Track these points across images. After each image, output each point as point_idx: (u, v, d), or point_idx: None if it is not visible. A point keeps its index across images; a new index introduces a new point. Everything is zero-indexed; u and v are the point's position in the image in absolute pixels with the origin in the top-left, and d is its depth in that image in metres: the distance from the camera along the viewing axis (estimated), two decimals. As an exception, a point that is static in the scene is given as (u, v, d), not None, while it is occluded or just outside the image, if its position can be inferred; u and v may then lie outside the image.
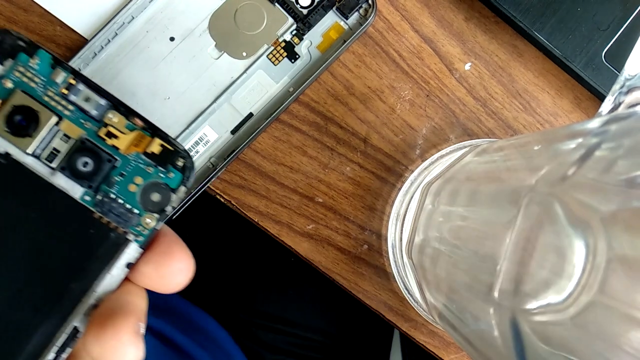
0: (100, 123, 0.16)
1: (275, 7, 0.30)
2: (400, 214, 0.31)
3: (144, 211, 0.17)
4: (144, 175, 0.17)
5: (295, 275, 0.49)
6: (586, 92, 0.32)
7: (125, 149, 0.17)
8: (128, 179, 0.17)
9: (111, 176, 0.16)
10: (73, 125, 0.16)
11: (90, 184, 0.16)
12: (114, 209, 0.16)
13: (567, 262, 0.15)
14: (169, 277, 0.17)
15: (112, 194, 0.16)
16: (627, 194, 0.14)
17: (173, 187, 0.17)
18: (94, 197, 0.16)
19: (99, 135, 0.16)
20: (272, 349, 0.47)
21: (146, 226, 0.17)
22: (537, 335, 0.16)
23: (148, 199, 0.17)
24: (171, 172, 0.17)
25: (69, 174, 0.16)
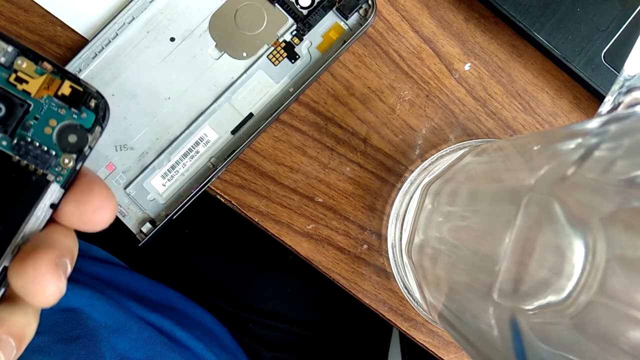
0: (10, 70, 0.17)
1: (275, 8, 0.30)
2: (400, 214, 0.31)
3: (61, 152, 0.17)
4: (58, 117, 0.17)
5: (293, 272, 0.49)
6: (585, 92, 0.32)
7: (36, 92, 0.17)
8: (42, 122, 0.17)
9: (25, 120, 0.17)
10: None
11: (5, 129, 0.17)
12: (32, 151, 0.17)
13: (566, 261, 0.15)
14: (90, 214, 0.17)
15: (28, 137, 0.17)
16: (626, 194, 0.14)
17: (87, 127, 0.17)
18: (10, 142, 0.17)
19: (9, 81, 0.17)
20: (270, 345, 0.47)
21: (65, 166, 0.17)
22: (537, 335, 0.16)
23: (65, 140, 0.17)
24: (84, 112, 0.17)
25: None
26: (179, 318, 0.40)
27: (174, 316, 0.39)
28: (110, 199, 0.17)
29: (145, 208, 0.30)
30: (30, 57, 0.17)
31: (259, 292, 0.48)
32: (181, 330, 0.38)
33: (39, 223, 0.17)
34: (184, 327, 0.38)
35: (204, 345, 0.38)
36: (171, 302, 0.43)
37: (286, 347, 0.47)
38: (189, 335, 0.38)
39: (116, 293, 0.37)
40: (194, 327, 0.41)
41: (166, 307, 0.41)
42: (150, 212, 0.30)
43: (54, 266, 0.16)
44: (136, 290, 0.41)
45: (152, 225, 0.29)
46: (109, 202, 0.17)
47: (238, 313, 0.47)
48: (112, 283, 0.39)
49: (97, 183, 0.17)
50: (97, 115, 0.17)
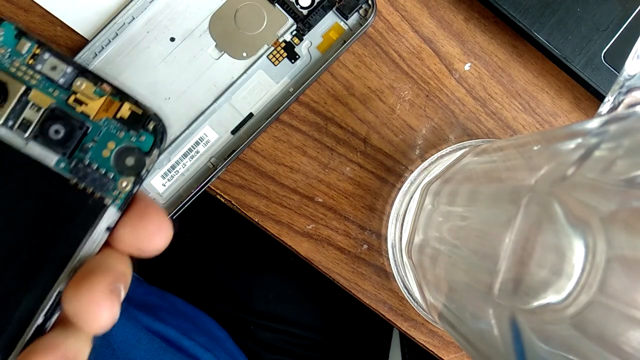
0: (69, 91, 0.16)
1: (275, 8, 0.30)
2: (400, 214, 0.31)
3: (119, 175, 0.17)
4: (116, 139, 0.17)
5: (294, 274, 0.49)
6: (585, 92, 0.32)
7: (95, 115, 0.17)
8: (101, 145, 0.17)
9: (84, 143, 0.17)
10: (42, 94, 0.16)
11: (64, 151, 0.16)
12: (90, 174, 0.17)
13: (566, 261, 0.15)
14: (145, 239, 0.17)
15: (86, 160, 0.17)
16: (626, 194, 0.14)
17: (145, 150, 0.17)
18: (68, 165, 0.16)
19: (68, 103, 0.16)
20: (271, 348, 0.47)
21: (122, 189, 0.17)
22: (537, 335, 0.16)
23: (122, 163, 0.17)
24: (142, 135, 0.17)
25: (42, 142, 0.16)
26: (183, 326, 0.40)
27: (179, 324, 0.39)
28: (166, 224, 0.17)
29: (145, 208, 0.30)
30: (89, 78, 0.17)
31: (260, 294, 0.48)
32: (187, 339, 0.38)
33: (95, 247, 0.17)
34: (189, 335, 0.38)
35: (211, 355, 0.38)
36: (173, 307, 0.43)
37: (287, 350, 0.47)
38: (195, 344, 0.38)
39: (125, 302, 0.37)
40: (199, 333, 0.41)
41: (169, 313, 0.41)
42: (150, 212, 0.30)
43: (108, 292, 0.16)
44: (138, 296, 0.41)
45: (152, 225, 0.29)
46: (164, 227, 0.17)
47: (239, 315, 0.47)
48: None
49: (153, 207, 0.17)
50: (156, 138, 0.17)
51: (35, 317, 0.16)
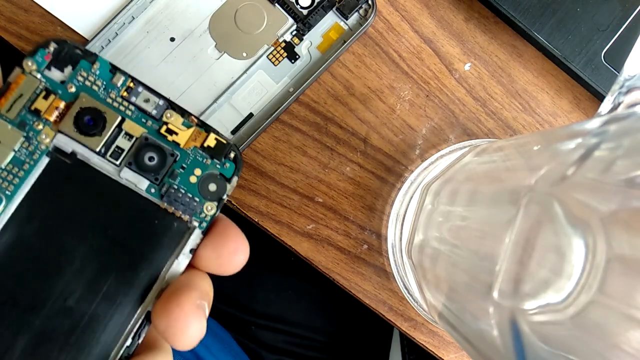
0: (160, 122, 0.18)
1: (275, 8, 0.30)
2: (400, 214, 0.31)
3: (204, 199, 0.18)
4: (202, 167, 0.18)
5: (294, 275, 0.49)
6: (585, 92, 0.32)
7: (185, 143, 0.18)
8: (188, 171, 0.18)
9: (174, 169, 0.18)
10: (135, 124, 0.17)
11: (157, 177, 0.17)
12: (179, 198, 0.18)
13: (566, 261, 0.15)
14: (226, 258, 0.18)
15: (175, 185, 0.18)
16: (626, 194, 0.14)
17: (228, 176, 0.18)
18: (158, 190, 0.17)
19: (160, 132, 0.18)
20: (272, 348, 0.47)
21: (207, 213, 0.18)
22: (537, 335, 0.16)
23: (206, 188, 0.18)
24: (226, 163, 0.18)
25: (136, 168, 0.17)
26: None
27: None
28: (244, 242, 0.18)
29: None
30: (177, 111, 0.18)
31: (261, 295, 0.48)
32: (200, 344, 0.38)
33: (180, 268, 0.18)
34: (211, 350, 0.39)
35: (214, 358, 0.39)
36: None
37: (288, 350, 0.47)
38: (200, 345, 0.38)
39: None
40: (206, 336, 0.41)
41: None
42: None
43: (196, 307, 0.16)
44: None
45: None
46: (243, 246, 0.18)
47: (240, 316, 0.47)
48: None
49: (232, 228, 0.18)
50: (237, 166, 0.18)
51: (123, 338, 0.17)
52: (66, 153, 0.17)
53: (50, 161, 0.17)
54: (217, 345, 0.41)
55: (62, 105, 0.17)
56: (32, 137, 0.17)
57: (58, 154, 0.17)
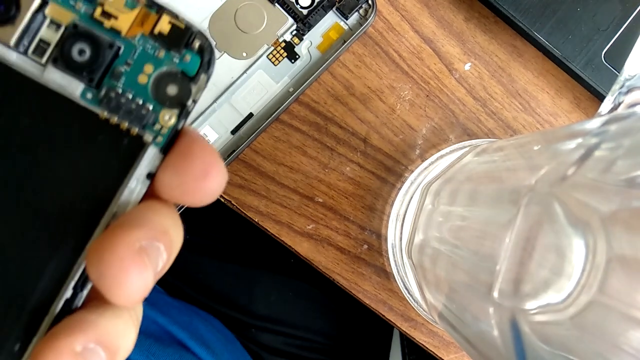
0: (94, 3, 0.13)
1: (275, 8, 0.30)
2: (400, 214, 0.31)
3: (160, 106, 0.14)
4: (155, 61, 0.13)
5: (294, 276, 0.49)
6: (586, 92, 0.32)
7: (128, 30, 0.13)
8: (136, 68, 0.13)
9: (115, 66, 0.13)
10: (61, 8, 0.13)
11: (91, 77, 0.13)
12: (123, 105, 0.13)
13: (566, 261, 0.15)
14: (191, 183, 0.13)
15: (118, 87, 0.13)
16: (626, 194, 0.14)
17: (191, 74, 0.14)
18: (97, 95, 0.13)
19: (94, 17, 0.13)
20: (272, 350, 0.47)
21: (165, 124, 0.14)
22: (537, 335, 0.16)
23: (163, 92, 0.14)
24: (187, 54, 0.14)
25: (63, 66, 0.13)
26: (194, 324, 0.40)
27: (189, 322, 0.39)
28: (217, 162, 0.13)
29: (145, 208, 0.30)
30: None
31: (261, 296, 0.48)
32: (193, 340, 0.38)
33: (134, 198, 0.14)
34: (215, 352, 0.39)
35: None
36: (182, 306, 0.43)
37: (289, 352, 0.47)
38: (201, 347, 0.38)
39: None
40: (209, 332, 0.41)
41: (179, 310, 0.41)
42: (150, 212, 0.30)
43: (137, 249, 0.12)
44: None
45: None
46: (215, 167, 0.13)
47: (240, 318, 0.47)
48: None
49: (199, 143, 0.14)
50: (203, 60, 0.14)
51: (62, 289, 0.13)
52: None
53: None
54: (221, 343, 0.41)
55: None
56: None
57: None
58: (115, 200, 0.13)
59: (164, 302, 0.41)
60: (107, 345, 0.13)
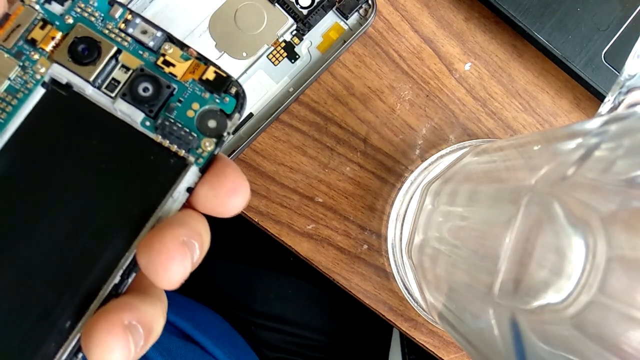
0: (157, 54, 0.17)
1: (275, 8, 0.30)
2: (400, 214, 0.31)
3: (202, 135, 0.17)
4: (200, 101, 0.17)
5: (294, 275, 0.49)
6: (586, 92, 0.32)
7: (182, 76, 0.17)
8: (186, 105, 0.17)
9: (170, 102, 0.17)
10: (131, 56, 0.17)
11: (151, 109, 0.17)
12: (174, 132, 0.17)
13: (566, 261, 0.15)
14: (223, 197, 0.17)
15: (171, 118, 0.17)
16: (626, 194, 0.14)
17: (228, 112, 0.17)
18: (154, 123, 0.17)
19: (156, 64, 0.17)
20: (272, 347, 0.47)
21: (205, 149, 0.17)
22: (537, 335, 0.16)
23: (205, 125, 0.17)
24: (226, 97, 0.17)
25: (130, 99, 0.17)
26: (196, 318, 0.40)
27: (192, 317, 0.39)
28: (244, 182, 0.17)
29: (145, 208, 0.30)
30: (177, 44, 0.17)
31: (260, 294, 0.48)
32: (200, 333, 0.38)
33: (175, 206, 0.17)
34: (202, 328, 0.39)
35: (221, 352, 0.39)
36: (184, 301, 0.43)
37: (288, 349, 0.47)
38: (207, 339, 0.38)
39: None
40: (211, 326, 0.41)
41: (181, 305, 0.41)
42: (150, 212, 0.30)
43: (180, 242, 0.15)
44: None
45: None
46: (242, 186, 0.17)
47: (239, 315, 0.47)
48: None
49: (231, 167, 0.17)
50: (238, 102, 0.17)
51: (112, 276, 0.16)
52: (62, 84, 0.17)
53: (46, 92, 0.17)
54: (224, 335, 0.41)
55: (59, 35, 0.17)
56: (28, 66, 0.17)
57: (54, 85, 0.17)
58: (161, 207, 0.17)
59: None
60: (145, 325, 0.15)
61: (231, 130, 0.17)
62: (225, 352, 0.39)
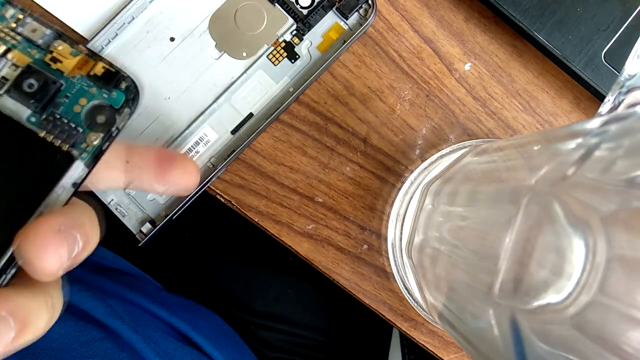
0: (46, 51, 0.17)
1: (275, 8, 0.30)
2: (400, 214, 0.31)
3: (87, 130, 0.17)
4: (88, 96, 0.17)
5: (294, 275, 0.49)
6: (586, 92, 0.32)
7: (70, 71, 0.17)
8: (73, 100, 0.17)
9: (57, 98, 0.17)
10: (21, 54, 0.17)
11: (37, 105, 0.17)
12: (60, 127, 0.17)
13: (566, 261, 0.15)
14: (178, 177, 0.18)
15: (57, 114, 0.17)
16: (626, 194, 0.14)
17: (116, 107, 0.17)
18: (40, 118, 0.17)
19: (45, 61, 0.17)
20: (272, 347, 0.47)
21: (90, 143, 0.17)
22: (537, 335, 0.16)
23: (94, 119, 0.17)
24: (114, 92, 0.17)
25: (16, 95, 0.17)
26: (194, 320, 0.40)
27: (190, 319, 0.39)
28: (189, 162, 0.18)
29: (145, 208, 0.30)
30: (67, 41, 0.17)
31: (260, 294, 0.48)
32: (198, 334, 0.38)
33: (60, 201, 0.17)
34: (199, 330, 0.39)
35: (219, 354, 0.39)
36: (182, 303, 0.43)
37: (288, 349, 0.47)
38: (206, 341, 0.38)
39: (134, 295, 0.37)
40: (209, 329, 0.41)
41: (178, 307, 0.41)
42: (150, 212, 0.30)
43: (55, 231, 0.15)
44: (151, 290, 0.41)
45: (152, 226, 0.29)
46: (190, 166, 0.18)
47: (239, 315, 0.47)
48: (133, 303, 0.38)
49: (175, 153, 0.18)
50: (127, 97, 0.17)
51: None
52: None
53: None
54: (222, 337, 0.41)
55: None
56: None
57: None
58: (45, 203, 0.17)
59: (164, 298, 0.41)
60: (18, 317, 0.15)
61: (121, 125, 0.17)
62: (224, 354, 0.39)
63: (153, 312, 0.37)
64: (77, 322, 0.31)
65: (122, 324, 0.33)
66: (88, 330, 0.31)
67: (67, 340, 0.30)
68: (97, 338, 0.31)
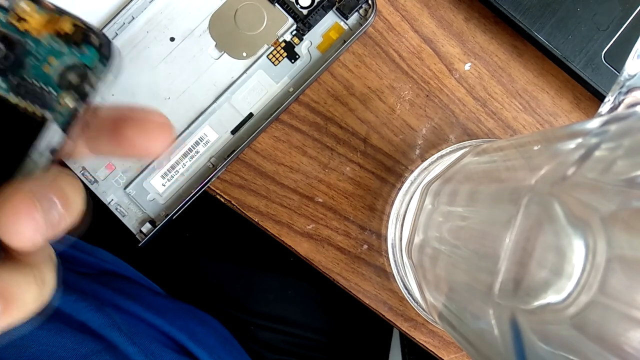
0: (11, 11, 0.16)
1: (275, 8, 0.30)
2: (400, 214, 0.31)
3: (61, 91, 0.16)
4: (58, 55, 0.16)
5: (294, 275, 0.49)
6: (586, 92, 0.32)
7: (37, 30, 0.16)
8: (42, 61, 0.16)
9: (25, 60, 0.16)
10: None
11: (4, 70, 0.16)
12: (30, 91, 0.16)
13: (566, 261, 0.15)
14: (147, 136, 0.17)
15: (26, 77, 0.16)
16: (626, 194, 0.14)
17: (89, 65, 0.16)
18: (8, 83, 0.16)
19: (9, 21, 0.16)
20: (272, 348, 0.47)
21: (64, 105, 0.16)
22: (537, 335, 0.16)
23: (66, 80, 0.16)
24: (86, 49, 0.16)
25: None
26: (192, 327, 0.40)
27: (187, 326, 0.39)
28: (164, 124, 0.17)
29: (145, 208, 0.30)
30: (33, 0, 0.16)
31: (260, 294, 0.48)
32: (194, 344, 0.38)
33: (37, 168, 0.16)
34: (197, 338, 0.39)
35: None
36: (181, 309, 0.43)
37: (288, 350, 0.47)
38: (202, 351, 0.38)
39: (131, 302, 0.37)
40: (208, 335, 0.41)
41: (176, 313, 0.41)
42: (150, 212, 0.30)
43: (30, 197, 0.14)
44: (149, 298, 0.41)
45: (152, 226, 0.29)
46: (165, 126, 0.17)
47: (239, 316, 0.47)
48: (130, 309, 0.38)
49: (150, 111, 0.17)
50: (101, 53, 0.16)
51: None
52: None
53: None
54: (219, 344, 0.41)
55: None
56: None
57: None
58: (20, 170, 0.16)
59: (161, 305, 0.41)
60: (4, 295, 0.14)
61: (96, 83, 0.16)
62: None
63: (150, 322, 0.37)
64: (75, 335, 0.31)
65: (120, 335, 0.33)
66: (86, 343, 0.31)
67: (64, 353, 0.30)
68: (95, 351, 0.31)
